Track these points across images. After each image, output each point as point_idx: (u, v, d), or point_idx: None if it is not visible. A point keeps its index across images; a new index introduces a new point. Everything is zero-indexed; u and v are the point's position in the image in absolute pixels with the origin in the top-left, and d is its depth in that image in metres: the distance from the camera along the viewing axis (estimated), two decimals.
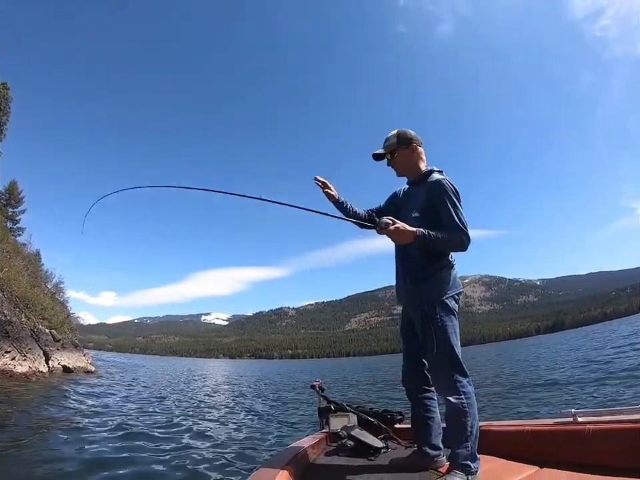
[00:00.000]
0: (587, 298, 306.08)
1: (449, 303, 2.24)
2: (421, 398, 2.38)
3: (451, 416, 2.11)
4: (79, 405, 9.26)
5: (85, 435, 6.05)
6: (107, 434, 6.23)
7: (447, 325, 2.19)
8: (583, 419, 1.90)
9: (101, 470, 4.42)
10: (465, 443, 2.01)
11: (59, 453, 5.00)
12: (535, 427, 2.13)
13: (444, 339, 2.17)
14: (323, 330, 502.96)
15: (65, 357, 18.62)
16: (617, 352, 15.01)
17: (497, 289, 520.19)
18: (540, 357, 22.61)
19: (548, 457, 1.93)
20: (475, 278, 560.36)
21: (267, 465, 2.19)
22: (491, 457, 2.17)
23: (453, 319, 2.23)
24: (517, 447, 2.13)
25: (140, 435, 6.32)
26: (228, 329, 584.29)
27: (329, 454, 2.82)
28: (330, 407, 3.45)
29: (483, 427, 2.39)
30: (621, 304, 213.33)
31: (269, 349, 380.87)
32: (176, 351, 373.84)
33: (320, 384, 3.80)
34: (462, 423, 2.04)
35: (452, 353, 2.17)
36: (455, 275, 2.33)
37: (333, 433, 3.16)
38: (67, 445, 5.43)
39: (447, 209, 2.22)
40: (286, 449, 2.80)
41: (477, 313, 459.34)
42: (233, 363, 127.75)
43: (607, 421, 1.80)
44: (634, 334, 24.10)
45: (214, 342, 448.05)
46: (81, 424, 6.95)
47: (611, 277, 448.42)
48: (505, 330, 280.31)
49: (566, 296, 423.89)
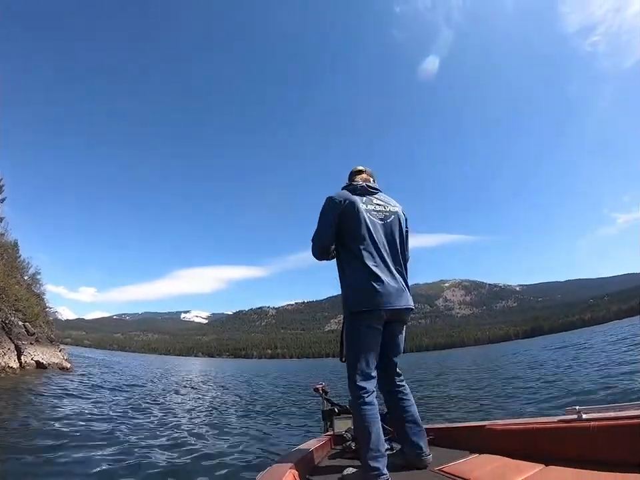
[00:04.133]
0: (566, 304, 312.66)
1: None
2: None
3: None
4: (47, 407, 8.13)
5: (51, 442, 5.22)
6: (83, 443, 5.38)
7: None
8: (588, 416, 1.89)
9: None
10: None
11: (18, 466, 4.23)
12: (539, 424, 2.12)
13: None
14: (302, 330, 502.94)
15: (39, 352, 17.68)
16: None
17: (477, 294, 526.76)
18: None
19: (553, 455, 1.92)
20: (455, 282, 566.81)
21: (274, 467, 2.21)
22: (496, 456, 2.18)
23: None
24: (522, 445, 2.13)
25: (131, 440, 5.64)
26: (207, 327, 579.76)
27: (333, 456, 2.83)
28: (334, 410, 3.46)
29: (488, 425, 2.45)
30: (598, 311, 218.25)
31: (249, 348, 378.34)
32: (155, 348, 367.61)
33: (323, 387, 3.79)
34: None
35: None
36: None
37: (337, 435, 3.18)
38: (31, 453, 4.68)
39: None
40: (292, 451, 2.79)
41: (456, 317, 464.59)
42: (212, 361, 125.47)
43: (611, 417, 1.79)
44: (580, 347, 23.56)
45: (193, 340, 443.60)
46: (49, 429, 6.04)
47: (590, 284, 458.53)
48: (484, 334, 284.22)
49: (545, 302, 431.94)
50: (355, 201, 2.44)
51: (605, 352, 16.17)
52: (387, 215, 2.54)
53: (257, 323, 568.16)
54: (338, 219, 2.42)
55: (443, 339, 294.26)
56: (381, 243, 2.41)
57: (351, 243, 2.39)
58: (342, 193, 2.51)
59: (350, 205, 2.42)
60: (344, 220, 2.41)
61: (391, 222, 2.53)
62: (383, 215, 2.51)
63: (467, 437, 2.60)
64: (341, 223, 2.43)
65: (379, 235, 2.43)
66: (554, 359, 18.70)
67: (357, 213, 2.41)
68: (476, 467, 2.04)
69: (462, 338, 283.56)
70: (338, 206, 2.41)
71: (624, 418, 1.72)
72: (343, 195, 2.49)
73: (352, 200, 2.44)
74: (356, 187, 2.56)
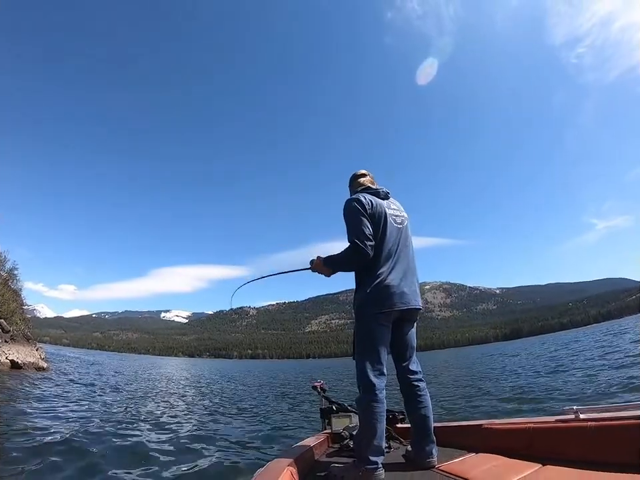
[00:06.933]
0: (545, 308, 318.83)
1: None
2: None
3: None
4: (11, 415, 7.08)
5: (16, 454, 4.52)
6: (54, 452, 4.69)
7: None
8: (585, 416, 1.90)
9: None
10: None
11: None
12: (537, 424, 2.13)
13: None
14: (283, 330, 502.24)
15: (15, 350, 17.19)
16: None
17: (457, 296, 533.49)
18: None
19: (550, 455, 1.93)
20: (436, 284, 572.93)
21: (272, 464, 2.20)
22: (493, 455, 2.18)
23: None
24: (520, 445, 2.13)
25: (124, 447, 5.31)
26: (188, 327, 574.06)
27: (331, 454, 2.84)
28: (332, 408, 3.46)
29: (485, 425, 2.44)
30: (577, 315, 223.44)
31: (229, 348, 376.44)
32: (134, 348, 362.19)
33: (322, 385, 3.81)
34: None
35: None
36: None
37: (335, 433, 3.21)
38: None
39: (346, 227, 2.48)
40: (289, 449, 2.79)
41: (436, 319, 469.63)
42: (193, 361, 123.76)
43: (608, 417, 1.80)
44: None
45: (173, 340, 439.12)
46: (17, 437, 5.27)
47: (569, 288, 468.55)
48: (464, 336, 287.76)
49: (524, 305, 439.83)
50: (382, 205, 2.50)
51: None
52: (403, 219, 2.60)
53: (238, 322, 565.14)
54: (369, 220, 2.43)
55: (422, 341, 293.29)
56: (399, 247, 2.47)
57: (375, 246, 2.39)
58: (367, 196, 2.52)
59: (379, 208, 2.46)
60: (372, 222, 2.42)
61: (406, 226, 2.60)
62: (400, 220, 2.57)
63: (465, 436, 2.59)
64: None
65: (398, 239, 2.49)
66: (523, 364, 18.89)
67: (385, 217, 2.45)
68: (473, 466, 2.05)
69: (442, 340, 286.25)
70: (367, 207, 2.42)
71: (622, 418, 1.72)
72: (369, 197, 2.50)
73: (380, 203, 2.50)
74: (378, 191, 2.59)
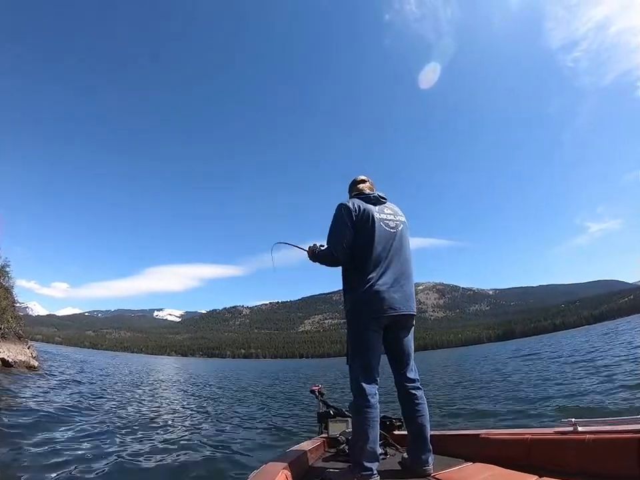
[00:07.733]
0: (538, 309, 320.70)
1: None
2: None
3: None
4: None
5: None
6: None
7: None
8: (583, 429, 1.89)
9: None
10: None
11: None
12: (535, 435, 2.12)
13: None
14: (276, 330, 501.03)
15: (5, 349, 16.96)
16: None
17: (451, 297, 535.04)
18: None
19: (548, 466, 1.93)
20: (429, 285, 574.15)
21: (267, 467, 2.20)
22: (490, 465, 2.17)
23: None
24: (517, 456, 2.13)
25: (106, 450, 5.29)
26: (181, 325, 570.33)
27: (327, 459, 2.82)
28: (329, 412, 3.44)
29: (483, 434, 2.45)
30: (570, 316, 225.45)
31: (222, 347, 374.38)
32: (127, 346, 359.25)
33: (319, 388, 3.77)
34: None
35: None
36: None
37: (331, 438, 3.19)
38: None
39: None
40: (284, 452, 2.78)
41: (429, 319, 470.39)
42: (186, 361, 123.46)
43: (607, 430, 1.80)
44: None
45: (166, 339, 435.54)
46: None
47: (562, 290, 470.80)
48: (457, 337, 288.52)
49: (517, 306, 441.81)
50: (370, 209, 2.51)
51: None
52: (397, 223, 2.61)
53: (231, 322, 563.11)
54: (355, 226, 2.47)
55: (415, 342, 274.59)
56: (391, 251, 2.47)
57: (362, 250, 2.43)
58: (356, 201, 2.56)
59: (366, 213, 2.48)
60: (359, 227, 2.45)
61: (401, 230, 2.60)
62: (394, 224, 2.58)
63: (462, 445, 2.58)
64: (355, 230, 2.47)
65: (390, 243, 2.49)
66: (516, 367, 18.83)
67: (372, 222, 2.46)
68: (469, 475, 2.05)
69: (435, 340, 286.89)
70: (354, 213, 2.46)
71: (620, 432, 1.71)
72: (358, 202, 2.54)
73: (367, 208, 2.51)
74: (369, 196, 2.63)
